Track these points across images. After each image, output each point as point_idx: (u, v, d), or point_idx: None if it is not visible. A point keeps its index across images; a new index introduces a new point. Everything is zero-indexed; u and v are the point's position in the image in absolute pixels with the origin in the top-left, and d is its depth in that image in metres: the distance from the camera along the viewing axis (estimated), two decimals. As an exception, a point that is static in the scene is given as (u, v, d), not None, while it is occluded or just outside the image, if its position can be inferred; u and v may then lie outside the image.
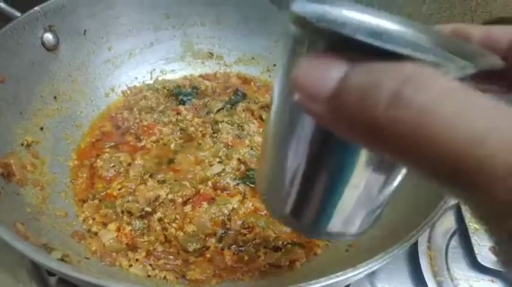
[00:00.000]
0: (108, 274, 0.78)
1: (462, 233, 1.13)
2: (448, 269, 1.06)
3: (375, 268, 0.64)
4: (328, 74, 0.27)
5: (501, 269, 1.02)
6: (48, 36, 1.06)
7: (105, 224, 0.92)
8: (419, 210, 0.81)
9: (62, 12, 1.08)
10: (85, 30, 1.16)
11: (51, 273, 0.87)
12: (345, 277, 0.60)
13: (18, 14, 1.01)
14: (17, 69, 0.98)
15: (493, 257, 1.05)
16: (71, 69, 1.14)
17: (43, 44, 1.05)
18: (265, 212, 0.99)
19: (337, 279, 0.60)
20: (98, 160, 1.04)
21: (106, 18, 1.20)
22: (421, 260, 1.04)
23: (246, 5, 1.33)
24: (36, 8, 1.02)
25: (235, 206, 0.98)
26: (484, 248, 1.08)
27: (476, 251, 1.07)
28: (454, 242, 1.13)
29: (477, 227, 1.12)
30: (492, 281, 1.04)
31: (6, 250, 0.78)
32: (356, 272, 0.61)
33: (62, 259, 0.70)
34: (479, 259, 1.05)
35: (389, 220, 0.89)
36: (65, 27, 1.09)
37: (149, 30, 1.29)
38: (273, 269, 0.88)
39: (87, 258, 0.81)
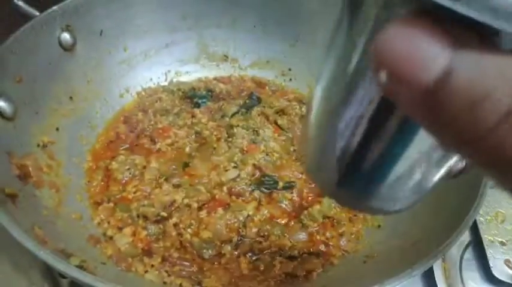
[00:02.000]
0: (125, 281, 0.77)
1: (477, 245, 1.12)
2: (462, 282, 1.05)
3: (398, 283, 0.63)
4: (431, 57, 0.20)
5: (517, 283, 1.01)
6: (66, 36, 1.05)
7: (120, 228, 0.91)
8: (442, 222, 0.80)
9: (79, 12, 1.07)
10: (101, 31, 1.15)
11: (63, 275, 0.87)
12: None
13: (36, 13, 1.00)
14: (34, 69, 0.97)
15: (509, 271, 1.04)
16: (86, 69, 1.13)
17: (60, 43, 1.04)
18: (280, 219, 0.98)
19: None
20: (113, 162, 1.04)
21: (122, 19, 1.19)
22: (435, 273, 1.03)
23: (262, 8, 1.31)
24: (54, 7, 1.01)
25: (251, 213, 0.97)
26: (499, 261, 1.07)
27: (491, 264, 1.05)
28: (468, 254, 1.11)
29: (492, 239, 1.11)
30: (507, 295, 1.03)
31: (19, 251, 0.77)
32: (382, 289, 0.59)
33: (80, 266, 0.69)
34: (494, 272, 1.04)
35: (410, 232, 0.89)
36: (81, 27, 1.09)
37: (165, 31, 1.28)
38: (289, 279, 0.87)
39: (104, 263, 0.81)
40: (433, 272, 1.04)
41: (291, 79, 1.36)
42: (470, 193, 0.78)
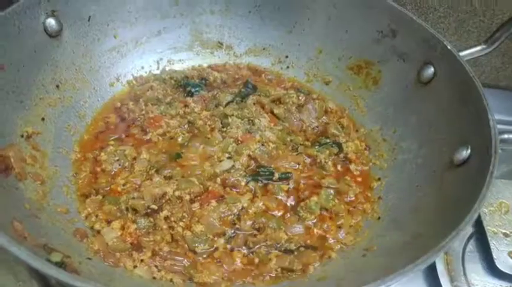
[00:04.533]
0: (110, 277, 0.74)
1: (480, 237, 1.08)
2: (464, 274, 1.02)
3: (402, 278, 0.59)
4: None
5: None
6: (51, 22, 1.00)
7: (108, 222, 0.87)
8: (445, 215, 0.76)
9: (66, -3, 1.03)
10: (90, 17, 1.10)
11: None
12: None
13: (19, -4, 0.95)
14: (18, 57, 0.93)
15: (512, 263, 1.01)
16: (74, 57, 1.09)
17: (45, 30, 0.99)
18: (276, 212, 0.95)
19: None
20: (102, 153, 0.99)
21: (112, 4, 1.14)
22: (437, 265, 1.00)
23: (258, -7, 1.27)
24: (38, -10, 0.96)
25: (245, 205, 0.93)
26: (502, 253, 1.03)
27: (494, 256, 1.02)
28: (471, 246, 1.08)
29: (496, 231, 1.08)
30: (511, 287, 1.00)
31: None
32: (383, 285, 0.55)
33: (62, 262, 0.65)
34: (498, 264, 1.01)
35: (411, 224, 0.85)
36: (68, 12, 1.04)
37: (156, 17, 1.23)
38: (285, 273, 0.84)
39: (89, 258, 0.77)
40: (435, 264, 1.01)
41: (288, 67, 1.32)
42: (474, 184, 0.74)
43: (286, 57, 1.32)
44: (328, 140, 1.10)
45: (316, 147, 1.08)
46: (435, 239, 0.67)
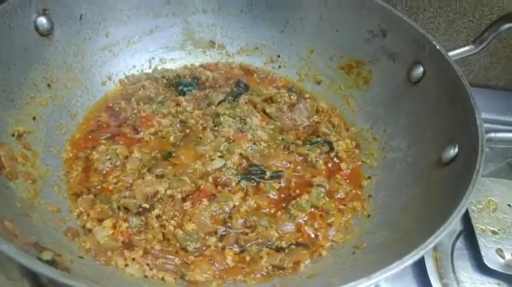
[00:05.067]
0: (102, 275, 0.74)
1: (468, 234, 1.10)
2: (453, 271, 1.03)
3: (389, 275, 0.60)
4: None
5: (508, 273, 1.00)
6: (42, 21, 1.00)
7: (100, 221, 0.87)
8: (433, 212, 0.77)
9: (57, -5, 1.02)
10: (81, 15, 1.10)
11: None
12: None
13: (9, -5, 0.95)
14: (8, 55, 0.93)
15: (500, 260, 1.03)
16: (65, 56, 1.08)
17: (36, 28, 0.99)
18: (267, 210, 0.95)
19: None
20: (94, 152, 0.99)
21: (104, 3, 1.14)
22: (426, 262, 1.01)
23: (250, -8, 1.27)
24: (29, -11, 0.96)
25: (237, 203, 0.94)
26: (491, 250, 1.05)
27: (482, 254, 1.03)
28: (460, 243, 1.09)
29: (484, 228, 1.09)
30: (498, 284, 1.01)
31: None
32: (370, 282, 0.56)
33: (53, 261, 0.65)
34: (486, 262, 1.02)
35: (401, 221, 0.86)
36: (60, 11, 1.04)
37: (148, 16, 1.23)
38: (276, 271, 0.84)
39: (81, 257, 0.77)
40: (424, 261, 1.02)
41: (280, 66, 1.33)
42: (461, 182, 0.75)
43: (278, 56, 1.33)
44: (319, 139, 1.11)
45: (307, 146, 1.09)
46: (423, 236, 0.68)
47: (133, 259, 0.82)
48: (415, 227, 0.79)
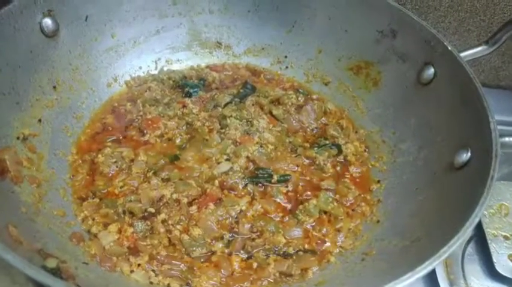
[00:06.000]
0: (107, 282, 0.73)
1: (479, 239, 1.08)
2: (464, 277, 1.01)
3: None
4: None
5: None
6: (48, 22, 0.99)
7: (105, 225, 0.86)
8: (445, 219, 0.75)
9: (62, -4, 1.01)
10: (87, 16, 1.09)
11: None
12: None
13: (15, -4, 0.94)
14: (14, 57, 0.92)
15: (512, 266, 1.01)
16: (71, 57, 1.07)
17: (42, 30, 0.98)
18: (274, 215, 0.94)
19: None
20: (99, 155, 0.98)
21: (109, 4, 1.13)
22: (436, 268, 0.99)
23: (257, -8, 1.25)
24: (34, -10, 0.95)
25: (244, 208, 0.92)
26: (502, 256, 1.02)
27: (494, 260, 1.01)
28: (471, 249, 1.07)
29: (496, 233, 1.07)
30: (510, 291, 1.00)
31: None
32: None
33: (57, 268, 0.64)
34: (498, 268, 1.00)
35: (411, 228, 0.84)
36: (65, 12, 1.02)
37: (154, 17, 1.22)
38: (283, 278, 0.83)
39: (86, 263, 0.76)
40: (434, 267, 1.00)
41: (287, 67, 1.31)
42: (475, 188, 0.73)
43: (286, 57, 1.31)
44: (327, 142, 1.10)
45: (315, 148, 1.07)
46: (435, 244, 0.67)
47: (138, 265, 0.81)
48: (426, 234, 0.77)
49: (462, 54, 0.98)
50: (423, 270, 0.59)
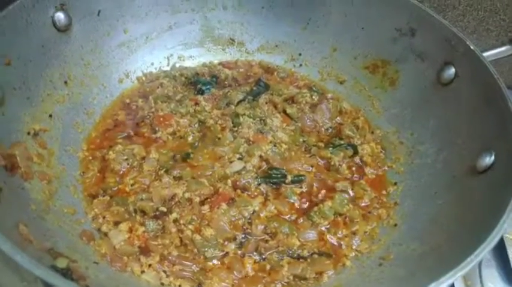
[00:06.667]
0: (117, 283, 0.71)
1: (497, 245, 1.04)
2: (481, 283, 0.98)
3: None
4: None
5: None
6: (60, 16, 0.97)
7: (116, 224, 0.85)
8: (466, 227, 0.72)
9: (75, -10, 1.00)
10: (99, 11, 1.07)
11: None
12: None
13: (27, -10, 0.92)
14: (25, 51, 0.90)
15: (532, 273, 0.98)
16: (83, 52, 1.06)
17: (54, 24, 0.97)
18: (288, 216, 0.91)
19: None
20: (110, 152, 0.97)
21: (122, -1, 1.11)
22: (453, 273, 0.97)
23: (271, -12, 1.23)
24: (47, -16, 0.94)
25: (257, 208, 0.90)
26: (521, 262, 1.00)
27: (512, 266, 0.99)
28: (488, 254, 1.04)
29: (514, 238, 1.04)
30: (530, 299, 0.97)
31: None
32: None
33: (68, 268, 0.62)
34: (516, 274, 0.98)
35: (430, 234, 0.81)
36: (78, 6, 1.01)
37: (167, 13, 1.20)
38: (298, 281, 0.81)
39: (96, 263, 0.74)
40: (457, 277, 0.97)
41: (301, 65, 1.28)
42: (500, 194, 0.70)
43: (300, 54, 1.28)
44: (342, 142, 1.07)
45: (330, 149, 1.05)
46: (456, 252, 0.64)
47: (149, 265, 0.79)
48: (446, 240, 0.74)
49: (485, 54, 0.95)
50: (447, 280, 0.56)
